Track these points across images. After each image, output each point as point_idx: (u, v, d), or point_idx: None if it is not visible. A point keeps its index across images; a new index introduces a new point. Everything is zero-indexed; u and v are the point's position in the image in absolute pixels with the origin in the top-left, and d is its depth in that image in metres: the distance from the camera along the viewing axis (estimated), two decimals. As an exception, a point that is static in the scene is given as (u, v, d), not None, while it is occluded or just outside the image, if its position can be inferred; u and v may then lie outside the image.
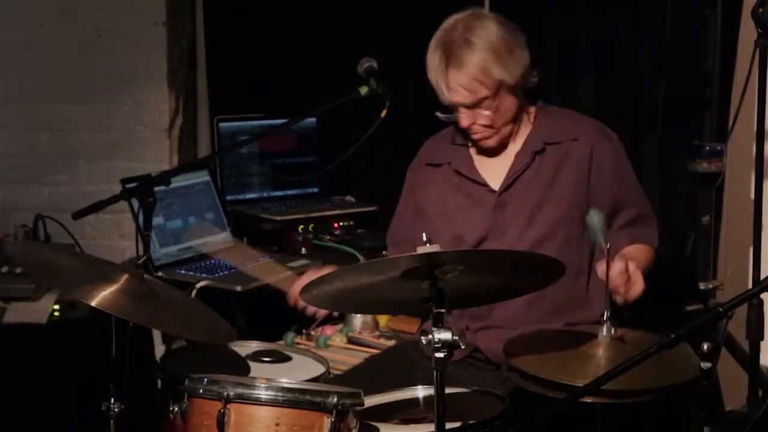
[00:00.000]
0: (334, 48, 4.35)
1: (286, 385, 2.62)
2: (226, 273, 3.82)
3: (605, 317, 2.72)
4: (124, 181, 3.59)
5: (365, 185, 4.42)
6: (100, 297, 2.73)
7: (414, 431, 2.76)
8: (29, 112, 4.36)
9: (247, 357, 3.20)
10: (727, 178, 3.91)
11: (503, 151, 3.24)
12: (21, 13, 4.31)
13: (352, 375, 3.22)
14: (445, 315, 2.49)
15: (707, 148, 3.76)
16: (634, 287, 2.88)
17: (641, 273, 2.91)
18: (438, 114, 3.20)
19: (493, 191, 3.21)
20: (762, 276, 3.61)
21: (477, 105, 3.13)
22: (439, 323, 2.48)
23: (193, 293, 3.64)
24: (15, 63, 4.33)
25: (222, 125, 4.35)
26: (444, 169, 3.29)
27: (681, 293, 3.71)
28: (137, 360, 2.95)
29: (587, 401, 2.55)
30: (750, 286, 3.71)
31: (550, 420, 2.43)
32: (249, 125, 4.37)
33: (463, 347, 2.47)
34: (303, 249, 4.09)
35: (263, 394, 2.58)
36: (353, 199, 4.45)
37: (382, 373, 3.15)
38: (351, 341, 3.68)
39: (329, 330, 3.73)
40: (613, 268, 2.81)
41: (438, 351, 2.45)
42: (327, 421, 2.56)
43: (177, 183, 3.82)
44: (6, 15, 4.31)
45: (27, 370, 3.56)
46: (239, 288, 3.70)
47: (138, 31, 4.33)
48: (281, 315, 3.65)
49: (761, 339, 3.56)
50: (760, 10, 3.47)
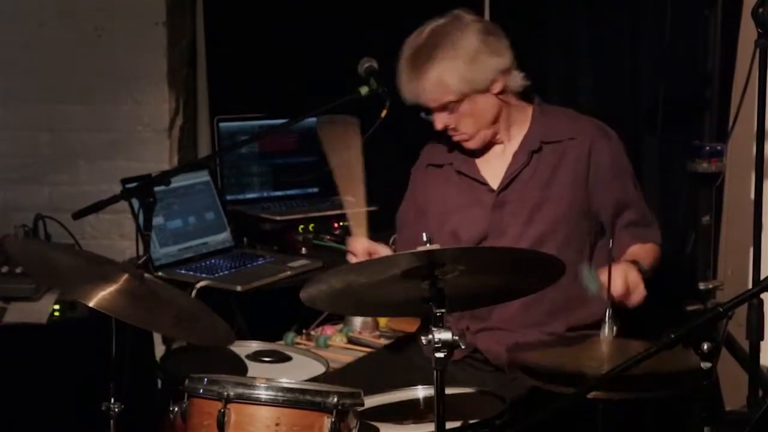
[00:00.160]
0: (334, 48, 4.35)
1: (286, 385, 2.62)
2: (226, 273, 3.81)
3: (607, 317, 2.72)
4: (124, 181, 3.59)
5: (365, 185, 4.41)
6: (98, 297, 2.73)
7: (414, 431, 2.76)
8: (29, 112, 4.36)
9: (247, 357, 3.20)
10: (727, 178, 3.90)
11: (502, 151, 3.24)
12: (21, 13, 4.30)
13: (348, 371, 3.23)
14: (445, 315, 2.49)
15: (707, 148, 3.75)
16: (634, 295, 2.90)
17: (649, 270, 2.93)
18: (422, 114, 3.19)
19: (493, 190, 3.21)
20: (762, 276, 3.61)
21: (444, 109, 3.13)
22: (440, 323, 2.48)
23: (193, 293, 3.64)
24: (15, 63, 4.33)
25: (222, 125, 4.34)
26: (446, 170, 3.29)
27: (681, 293, 3.70)
28: (137, 360, 2.95)
29: (590, 398, 2.55)
30: (750, 286, 3.70)
31: (550, 420, 2.42)
32: (249, 125, 4.36)
33: (463, 347, 2.47)
34: (303, 249, 4.08)
35: (263, 394, 2.58)
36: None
37: (381, 373, 3.15)
38: (351, 341, 3.68)
39: (329, 330, 3.73)
40: (614, 284, 2.80)
41: (438, 351, 2.45)
42: (327, 421, 2.56)
43: (177, 183, 3.82)
44: (6, 15, 4.31)
45: (27, 370, 3.55)
46: (239, 288, 3.69)
47: (138, 31, 4.33)
48: (281, 315, 3.66)
49: (761, 339, 3.55)
50: (760, 10, 3.47)
